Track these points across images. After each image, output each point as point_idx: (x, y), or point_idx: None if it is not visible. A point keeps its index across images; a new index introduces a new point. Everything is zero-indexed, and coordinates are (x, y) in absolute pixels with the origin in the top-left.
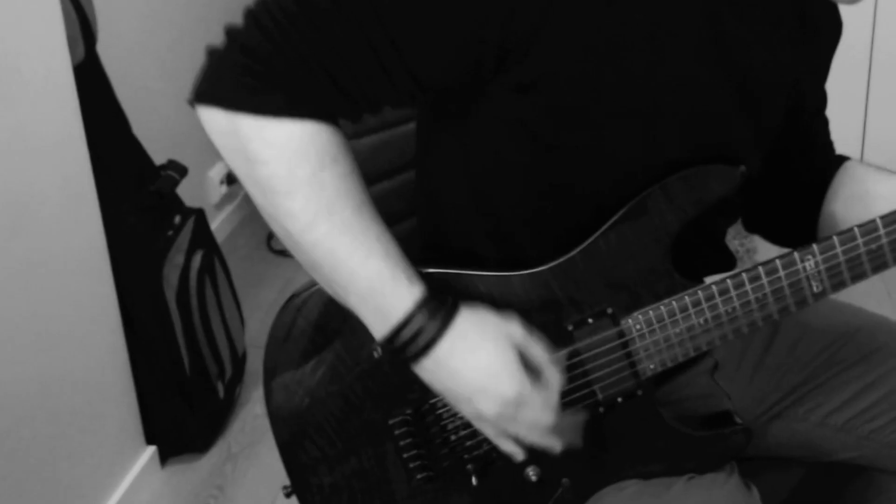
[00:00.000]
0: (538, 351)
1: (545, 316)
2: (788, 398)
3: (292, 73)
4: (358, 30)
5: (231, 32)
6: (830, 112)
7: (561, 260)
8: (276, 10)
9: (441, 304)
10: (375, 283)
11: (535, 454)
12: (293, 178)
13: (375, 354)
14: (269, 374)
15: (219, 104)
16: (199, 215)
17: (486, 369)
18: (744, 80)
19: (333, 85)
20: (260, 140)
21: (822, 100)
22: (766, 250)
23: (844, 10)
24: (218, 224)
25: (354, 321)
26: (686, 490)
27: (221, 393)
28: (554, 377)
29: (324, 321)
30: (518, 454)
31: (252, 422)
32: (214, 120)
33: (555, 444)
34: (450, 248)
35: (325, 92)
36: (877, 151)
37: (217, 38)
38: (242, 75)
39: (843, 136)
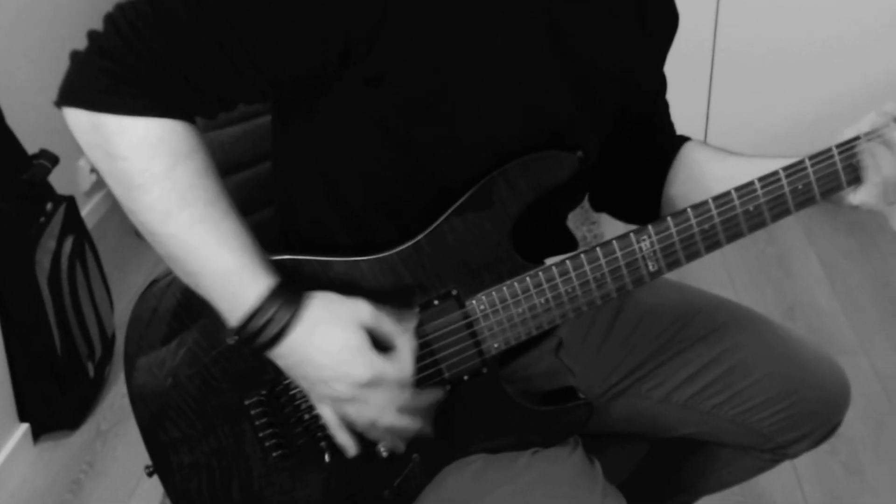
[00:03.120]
0: (389, 325)
1: (394, 299)
2: (632, 376)
3: (148, 74)
4: (209, 31)
5: (92, 37)
6: (675, 102)
7: (407, 244)
8: (132, 14)
9: (291, 293)
10: (228, 273)
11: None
12: (149, 173)
13: (230, 342)
14: (130, 357)
15: (81, 105)
16: (70, 202)
17: (338, 355)
18: (580, 70)
19: (187, 84)
20: (118, 137)
21: (661, 84)
22: (613, 236)
23: (689, 3)
24: (88, 211)
25: (212, 307)
26: (531, 463)
27: (91, 373)
28: (407, 347)
29: (183, 306)
30: (351, 449)
31: (121, 400)
32: (78, 119)
33: (411, 424)
34: (305, 234)
35: (179, 91)
36: (718, 139)
37: (89, 29)
38: (102, 77)
39: (686, 126)
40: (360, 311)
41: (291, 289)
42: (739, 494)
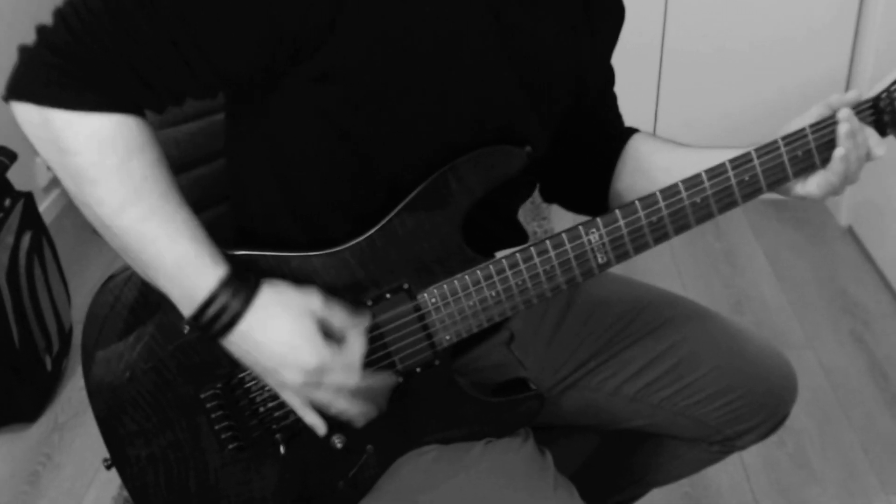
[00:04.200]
0: (339, 316)
1: (347, 293)
2: (582, 369)
3: (98, 69)
4: (160, 26)
5: (41, 31)
6: (624, 98)
7: (359, 239)
8: (83, 8)
9: (243, 282)
10: (181, 264)
11: (341, 422)
12: (102, 168)
13: (184, 331)
14: (87, 351)
15: (30, 100)
16: (28, 198)
17: (288, 342)
18: (528, 66)
19: (138, 79)
20: (70, 132)
21: (608, 77)
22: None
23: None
24: (46, 207)
25: (167, 301)
26: (483, 454)
27: (49, 366)
28: (356, 340)
29: (140, 301)
30: (320, 427)
31: (78, 393)
32: (27, 114)
33: (364, 409)
34: (259, 230)
35: (129, 86)
36: (666, 134)
37: (38, 23)
38: (51, 72)
39: (635, 121)
40: (311, 301)
41: (243, 278)
42: (688, 486)
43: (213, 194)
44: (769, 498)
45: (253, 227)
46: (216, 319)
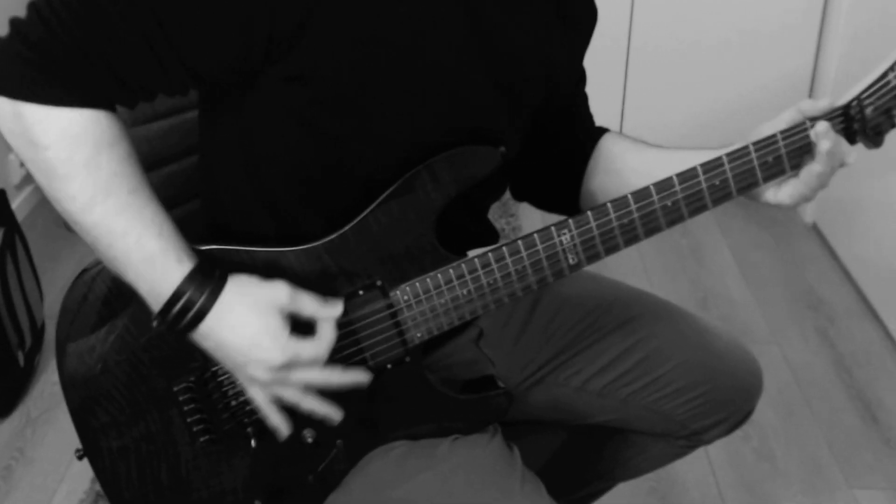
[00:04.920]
0: (308, 304)
1: (319, 289)
2: (549, 365)
3: (71, 64)
4: (134, 23)
5: (14, 24)
6: (591, 97)
7: (333, 236)
8: (57, 3)
9: (209, 278)
10: (148, 259)
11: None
12: (72, 162)
13: (154, 325)
14: (61, 345)
15: (2, 93)
16: (1, 195)
17: (252, 338)
18: (502, 66)
19: (110, 74)
20: (40, 127)
21: (580, 78)
22: (531, 229)
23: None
24: (18, 203)
25: (138, 296)
26: (451, 450)
27: (22, 361)
28: (328, 329)
29: (113, 295)
30: (283, 429)
31: (50, 388)
32: (0, 107)
33: (331, 412)
34: (232, 227)
35: (102, 81)
36: (633, 133)
37: (11, 16)
38: (24, 66)
39: (602, 120)
40: (277, 294)
41: (210, 273)
42: (654, 480)
43: (185, 191)
44: (734, 491)
45: (225, 222)
46: (183, 315)
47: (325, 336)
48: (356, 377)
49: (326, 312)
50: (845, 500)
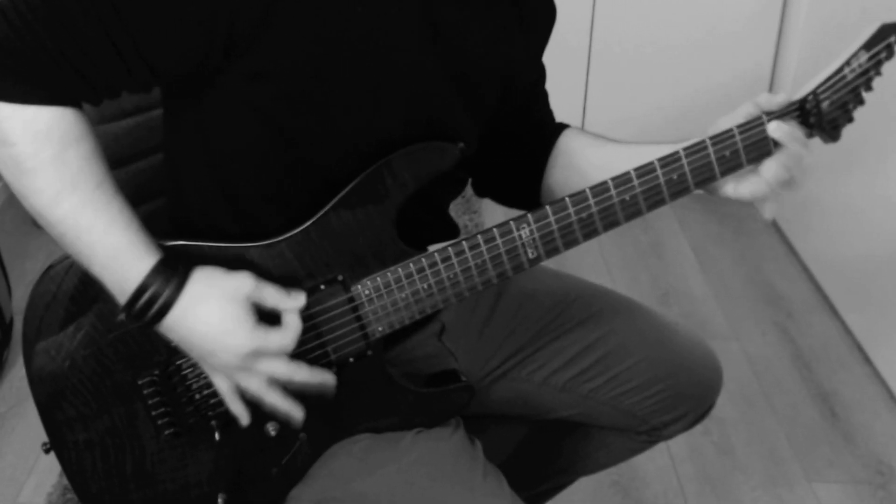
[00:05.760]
0: (272, 294)
1: (282, 284)
2: (511, 360)
3: (35, 62)
4: (97, 21)
5: None
6: (553, 94)
7: (295, 231)
8: (21, 2)
9: (174, 270)
10: (114, 253)
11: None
12: (39, 159)
13: (120, 318)
14: (28, 340)
15: None
16: None
17: (219, 326)
18: (461, 64)
19: (74, 72)
20: (8, 124)
21: (539, 75)
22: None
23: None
24: None
25: (105, 292)
26: (414, 443)
27: None
28: (292, 318)
29: (80, 290)
30: (244, 417)
31: (19, 383)
32: None
33: (294, 410)
34: (196, 223)
35: (67, 79)
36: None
37: None
38: None
39: (564, 117)
40: (242, 283)
41: (174, 266)
42: (616, 474)
43: (151, 188)
44: (695, 485)
45: (189, 219)
46: (149, 307)
47: (291, 325)
48: (322, 378)
49: (290, 303)
50: (804, 493)
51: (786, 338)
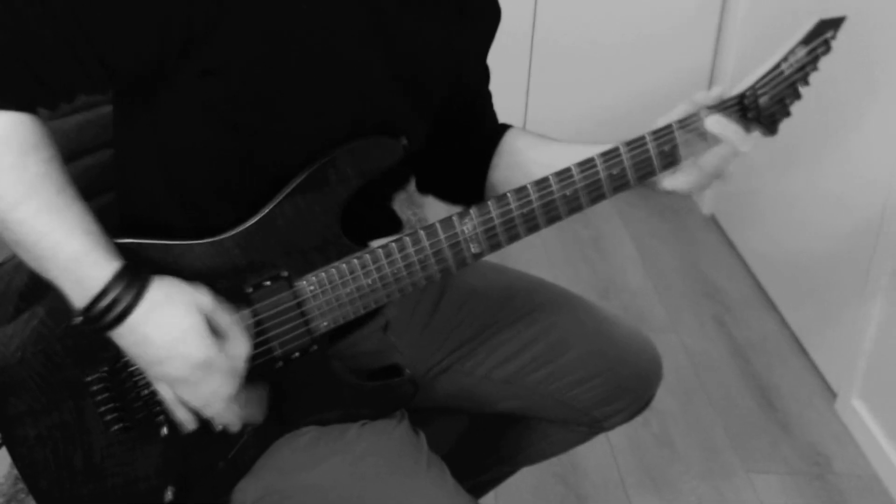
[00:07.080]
0: (225, 318)
1: (227, 280)
2: (455, 354)
3: None
4: (52, 24)
5: None
6: (495, 93)
7: (240, 228)
8: None
9: (134, 276)
10: (75, 258)
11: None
12: None
13: (75, 323)
14: None
15: None
16: None
17: (175, 334)
18: (406, 63)
19: (31, 76)
20: None
21: (484, 75)
22: (436, 219)
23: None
24: None
25: (56, 290)
26: (359, 435)
27: None
28: (240, 340)
29: (30, 287)
30: (189, 424)
31: None
32: None
33: (233, 420)
34: (144, 218)
35: (24, 83)
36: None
37: None
38: None
39: (506, 116)
40: (200, 297)
41: (135, 272)
42: (558, 465)
43: (100, 184)
44: (634, 476)
45: (138, 215)
46: (107, 311)
47: (240, 344)
48: (256, 391)
49: (238, 332)
50: (742, 483)
51: (724, 331)
